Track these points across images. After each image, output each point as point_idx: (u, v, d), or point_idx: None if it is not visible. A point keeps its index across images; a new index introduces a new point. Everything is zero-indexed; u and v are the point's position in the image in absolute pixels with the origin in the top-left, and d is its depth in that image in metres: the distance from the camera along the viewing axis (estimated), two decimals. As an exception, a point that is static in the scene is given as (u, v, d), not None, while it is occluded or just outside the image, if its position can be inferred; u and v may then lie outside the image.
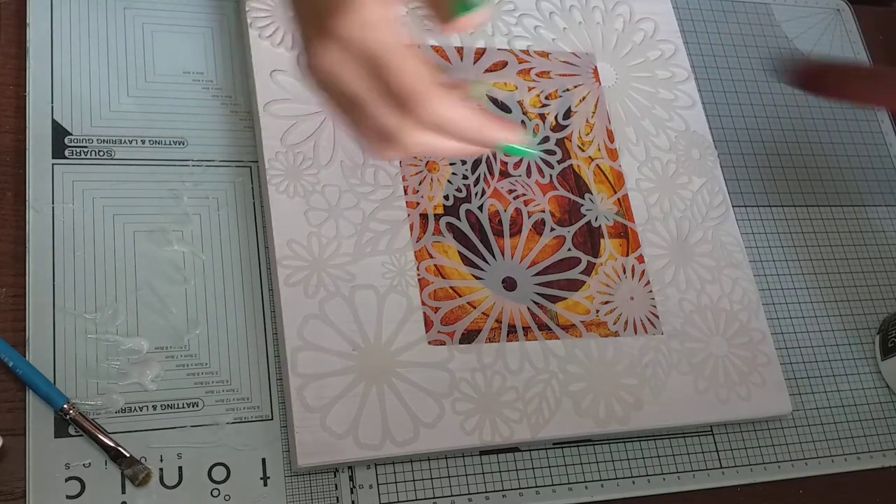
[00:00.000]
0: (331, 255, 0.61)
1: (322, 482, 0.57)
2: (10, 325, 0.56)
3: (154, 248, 0.60)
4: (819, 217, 0.77)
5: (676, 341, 0.65)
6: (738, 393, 0.65)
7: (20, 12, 0.64)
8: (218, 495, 0.55)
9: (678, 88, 0.75)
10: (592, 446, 0.63)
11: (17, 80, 0.62)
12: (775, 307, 0.72)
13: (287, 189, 0.62)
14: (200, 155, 0.64)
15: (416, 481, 0.59)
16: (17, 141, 0.61)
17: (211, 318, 0.59)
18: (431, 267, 0.63)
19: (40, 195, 0.59)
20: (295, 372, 0.57)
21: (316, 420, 0.56)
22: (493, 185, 0.67)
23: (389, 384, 0.58)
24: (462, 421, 0.59)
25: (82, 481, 0.54)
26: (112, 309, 0.58)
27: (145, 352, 0.57)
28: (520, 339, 0.62)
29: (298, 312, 0.59)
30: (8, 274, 0.57)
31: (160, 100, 0.64)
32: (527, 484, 0.61)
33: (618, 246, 0.68)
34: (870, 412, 0.71)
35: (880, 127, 0.84)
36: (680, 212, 0.70)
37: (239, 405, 0.58)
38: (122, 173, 0.61)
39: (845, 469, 0.68)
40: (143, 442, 0.55)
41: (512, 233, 0.66)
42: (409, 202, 0.64)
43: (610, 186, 0.70)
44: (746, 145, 0.78)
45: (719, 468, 0.65)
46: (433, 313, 0.61)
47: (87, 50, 0.64)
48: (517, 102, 0.70)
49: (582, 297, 0.65)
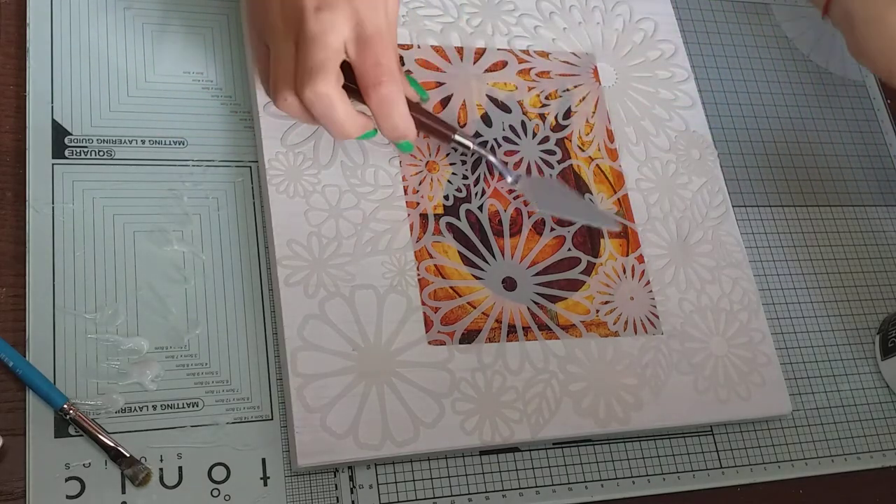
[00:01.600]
0: (331, 255, 0.61)
1: (322, 482, 0.57)
2: (10, 325, 0.56)
3: (154, 248, 0.60)
4: (819, 217, 0.77)
5: (676, 341, 0.65)
6: (738, 393, 0.65)
7: (20, 12, 0.64)
8: (218, 495, 0.55)
9: (678, 88, 0.75)
10: (592, 446, 0.63)
11: (17, 80, 0.62)
12: (775, 307, 0.72)
13: (287, 189, 0.62)
14: (200, 155, 0.64)
15: (416, 481, 0.59)
16: (17, 141, 0.61)
17: (211, 318, 0.59)
18: (431, 267, 0.63)
19: (40, 195, 0.59)
20: (295, 372, 0.57)
21: (316, 420, 0.56)
22: (492, 185, 0.67)
23: (389, 384, 0.58)
24: (462, 421, 0.59)
25: (82, 481, 0.54)
26: (112, 309, 0.58)
27: (145, 352, 0.57)
28: (520, 339, 0.62)
29: (298, 312, 0.59)
30: (8, 274, 0.57)
31: (160, 100, 0.64)
32: (527, 484, 0.61)
33: (618, 246, 0.68)
34: (870, 412, 0.71)
35: (880, 127, 0.84)
36: (680, 212, 0.70)
37: (239, 405, 0.58)
38: (122, 173, 0.61)
39: (845, 469, 0.68)
40: (143, 442, 0.55)
41: (512, 233, 0.66)
42: (409, 202, 0.64)
43: (610, 186, 0.70)
44: (746, 145, 0.78)
45: (719, 468, 0.65)
46: (433, 313, 0.61)
47: (87, 49, 0.64)
48: (517, 102, 0.70)
49: (582, 297, 0.65)
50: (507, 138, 0.69)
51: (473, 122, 0.68)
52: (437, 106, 0.68)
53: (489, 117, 0.69)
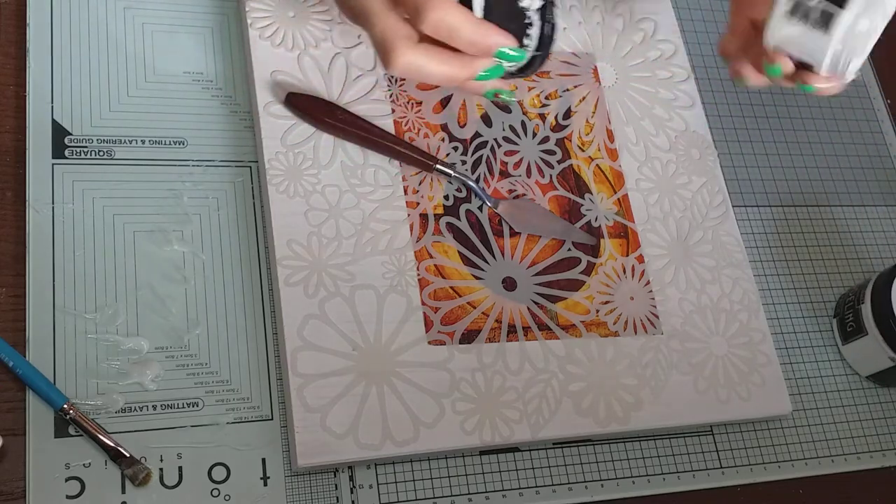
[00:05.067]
0: (331, 255, 0.61)
1: (322, 482, 0.57)
2: (10, 325, 0.56)
3: (154, 248, 0.60)
4: (819, 217, 0.77)
5: (676, 341, 0.65)
6: (738, 393, 0.65)
7: (20, 12, 0.64)
8: (218, 495, 0.55)
9: (678, 88, 0.75)
10: (592, 446, 0.63)
11: (17, 80, 0.62)
12: (775, 307, 0.72)
13: (287, 189, 0.62)
14: (200, 155, 0.64)
15: (416, 481, 0.59)
16: (17, 141, 0.61)
17: (211, 318, 0.59)
18: (431, 267, 0.63)
19: (40, 195, 0.59)
20: (295, 372, 0.57)
21: (316, 420, 0.56)
22: (493, 185, 0.67)
23: (389, 384, 0.58)
24: (462, 421, 0.59)
25: (82, 481, 0.54)
26: (112, 309, 0.58)
27: (145, 352, 0.57)
28: (520, 339, 0.62)
29: (298, 312, 0.59)
30: (8, 274, 0.57)
31: (160, 100, 0.64)
32: (527, 484, 0.61)
33: (618, 246, 0.68)
34: (869, 412, 0.71)
35: (880, 127, 0.84)
36: (680, 212, 0.70)
37: (239, 405, 0.58)
38: (122, 173, 0.61)
39: (845, 469, 0.68)
40: (143, 442, 0.55)
41: (512, 233, 0.66)
42: (409, 202, 0.64)
43: (610, 186, 0.70)
44: (746, 145, 0.78)
45: (719, 468, 0.65)
46: (433, 313, 0.61)
47: (87, 50, 0.64)
48: (517, 102, 0.70)
49: (582, 297, 0.65)
50: (507, 138, 0.69)
51: (473, 122, 0.68)
52: (437, 106, 0.68)
53: (489, 117, 0.69)
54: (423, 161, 0.65)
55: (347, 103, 0.65)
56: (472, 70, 0.53)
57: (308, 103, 0.64)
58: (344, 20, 0.59)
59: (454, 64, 0.53)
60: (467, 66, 0.53)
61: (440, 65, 0.52)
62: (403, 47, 0.51)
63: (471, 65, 0.53)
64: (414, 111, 0.67)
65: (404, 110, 0.67)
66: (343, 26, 0.68)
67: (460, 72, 0.53)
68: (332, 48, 0.67)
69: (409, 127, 0.67)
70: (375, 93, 0.67)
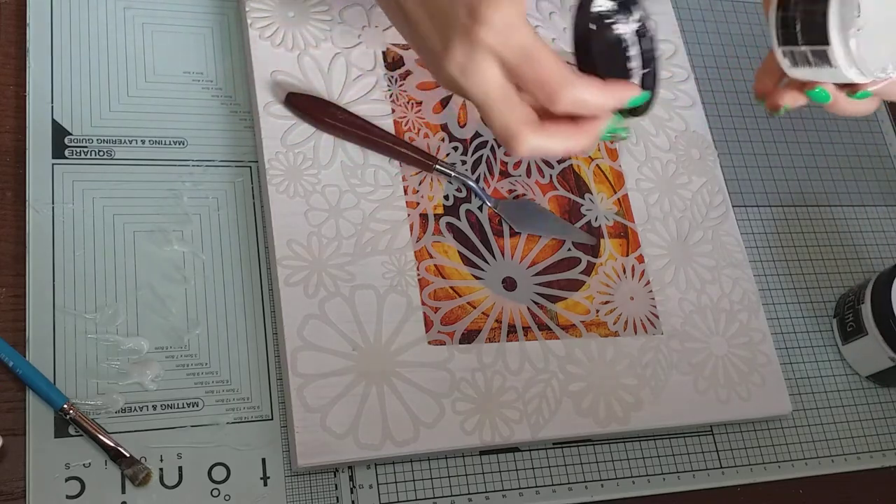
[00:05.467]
0: (331, 255, 0.61)
1: (322, 482, 0.57)
2: (10, 325, 0.56)
3: (154, 248, 0.60)
4: (819, 217, 0.77)
5: (676, 341, 0.65)
6: (738, 393, 0.65)
7: (20, 12, 0.64)
8: (218, 495, 0.55)
9: (678, 88, 0.75)
10: (592, 446, 0.63)
11: (17, 80, 0.62)
12: (775, 307, 0.72)
13: (287, 189, 0.62)
14: (200, 155, 0.64)
15: (416, 481, 0.59)
16: (17, 141, 0.61)
17: (211, 318, 0.59)
18: (431, 267, 0.63)
19: (40, 195, 0.59)
20: (295, 372, 0.57)
21: (316, 420, 0.56)
22: (493, 185, 0.67)
23: (389, 384, 0.58)
24: (462, 421, 0.59)
25: (82, 481, 0.54)
26: (112, 309, 0.58)
27: (145, 352, 0.57)
28: (520, 339, 0.62)
29: (298, 312, 0.59)
30: (8, 274, 0.57)
31: (160, 100, 0.64)
32: (527, 484, 0.61)
33: (618, 246, 0.68)
34: (869, 412, 0.71)
35: (880, 127, 0.84)
36: (680, 212, 0.70)
37: (239, 405, 0.58)
38: (122, 173, 0.61)
39: (845, 469, 0.68)
40: (143, 442, 0.55)
41: (512, 233, 0.66)
42: (409, 202, 0.64)
43: (610, 186, 0.70)
44: (746, 145, 0.78)
45: (719, 468, 0.65)
46: (433, 313, 0.61)
47: (87, 50, 0.64)
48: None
49: (582, 297, 0.65)
50: (507, 138, 0.69)
51: (474, 122, 0.68)
52: (437, 106, 0.68)
53: (489, 117, 0.69)
54: (423, 161, 0.65)
55: (347, 103, 0.65)
56: (595, 136, 0.53)
57: (308, 103, 0.64)
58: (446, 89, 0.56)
59: (578, 137, 0.52)
60: (590, 134, 0.53)
61: (565, 141, 0.52)
62: (527, 133, 0.51)
63: (592, 131, 0.53)
64: (414, 111, 0.67)
65: (404, 110, 0.67)
66: (343, 26, 0.68)
67: (585, 142, 0.53)
68: (332, 48, 0.67)
69: (409, 127, 0.67)
70: (375, 93, 0.67)
